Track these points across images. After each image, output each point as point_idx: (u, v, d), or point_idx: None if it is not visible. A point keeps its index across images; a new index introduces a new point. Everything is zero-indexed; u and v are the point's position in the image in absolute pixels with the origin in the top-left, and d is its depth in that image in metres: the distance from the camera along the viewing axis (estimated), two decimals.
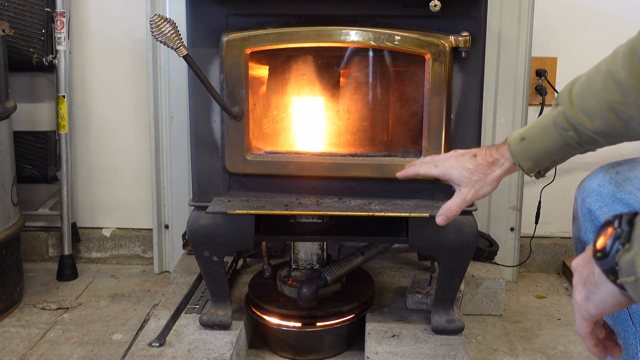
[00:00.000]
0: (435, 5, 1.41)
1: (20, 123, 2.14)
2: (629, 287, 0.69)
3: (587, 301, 0.75)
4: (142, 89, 2.14)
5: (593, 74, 0.98)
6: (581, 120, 0.98)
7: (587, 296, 0.75)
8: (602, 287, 0.73)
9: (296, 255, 1.75)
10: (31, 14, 2.06)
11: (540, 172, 1.10)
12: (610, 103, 0.94)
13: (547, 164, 1.08)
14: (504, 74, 1.99)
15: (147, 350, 1.54)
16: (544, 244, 2.24)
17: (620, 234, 0.69)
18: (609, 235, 0.70)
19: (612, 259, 0.70)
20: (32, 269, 2.24)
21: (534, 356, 1.73)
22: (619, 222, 0.70)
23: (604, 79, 0.94)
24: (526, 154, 1.07)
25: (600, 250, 0.71)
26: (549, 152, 1.05)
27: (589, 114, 0.97)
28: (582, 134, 1.00)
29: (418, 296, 1.71)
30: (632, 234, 0.69)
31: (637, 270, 0.67)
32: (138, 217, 2.29)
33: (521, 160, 1.08)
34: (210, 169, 1.56)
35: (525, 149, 1.07)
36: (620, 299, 0.72)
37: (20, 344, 1.77)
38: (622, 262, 0.69)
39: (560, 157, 1.07)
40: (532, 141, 1.06)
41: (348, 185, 1.55)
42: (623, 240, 0.69)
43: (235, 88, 1.48)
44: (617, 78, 0.93)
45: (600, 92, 0.95)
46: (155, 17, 1.33)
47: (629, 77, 0.91)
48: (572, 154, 1.06)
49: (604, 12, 2.08)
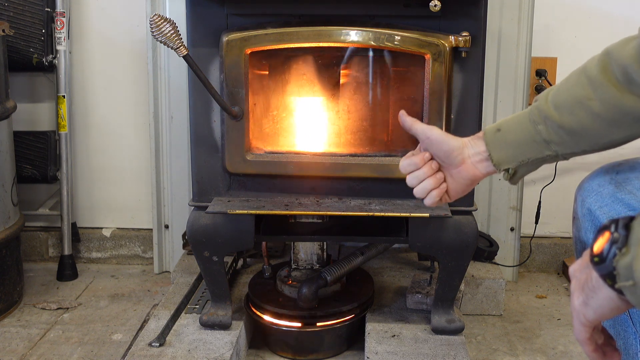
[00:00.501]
0: (435, 5, 1.41)
1: (20, 123, 2.14)
2: (627, 291, 0.69)
3: (585, 306, 0.75)
4: (142, 89, 2.14)
5: (572, 73, 1.01)
6: (551, 114, 0.99)
7: (585, 301, 0.75)
8: (600, 291, 0.73)
9: (296, 255, 1.75)
10: (31, 14, 2.06)
11: (510, 170, 1.05)
12: (579, 98, 0.96)
13: (517, 160, 1.04)
14: (504, 74, 1.99)
15: (147, 350, 1.54)
16: (544, 244, 2.25)
17: (617, 238, 0.69)
18: (605, 239, 0.71)
19: (609, 263, 0.70)
20: (32, 269, 2.24)
21: (534, 356, 1.73)
22: (615, 227, 0.70)
23: (578, 76, 0.98)
24: (499, 144, 1.05)
25: (597, 255, 0.71)
26: (519, 145, 1.03)
27: (559, 108, 0.99)
28: (551, 128, 1.00)
29: (418, 296, 1.71)
30: (628, 238, 0.69)
31: (634, 275, 0.67)
32: (138, 217, 2.29)
33: (492, 150, 1.05)
34: (210, 169, 1.56)
35: (499, 139, 1.05)
36: (618, 303, 0.72)
37: (20, 344, 1.77)
38: (619, 266, 0.69)
39: (530, 158, 1.03)
40: (506, 132, 1.05)
41: (348, 185, 1.55)
42: (620, 244, 0.69)
43: (235, 88, 1.48)
44: (589, 75, 0.96)
45: (573, 87, 0.98)
46: (155, 17, 1.33)
47: (599, 74, 0.95)
48: (541, 157, 1.03)
49: (604, 12, 2.08)
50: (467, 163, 1.07)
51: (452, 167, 1.09)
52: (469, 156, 1.07)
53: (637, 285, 0.68)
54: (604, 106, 0.94)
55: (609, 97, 0.94)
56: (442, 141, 1.08)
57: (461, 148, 1.07)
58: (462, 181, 1.09)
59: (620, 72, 0.93)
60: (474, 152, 1.07)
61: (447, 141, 1.08)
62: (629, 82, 0.92)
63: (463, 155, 1.07)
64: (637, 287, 0.68)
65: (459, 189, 1.10)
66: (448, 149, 1.07)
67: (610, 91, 0.94)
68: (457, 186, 1.10)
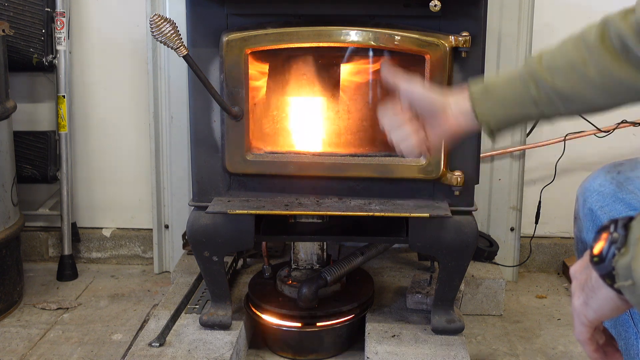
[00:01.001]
0: (435, 5, 1.41)
1: (20, 123, 2.14)
2: (626, 291, 0.69)
3: (585, 306, 0.76)
4: (142, 89, 2.14)
5: (567, 38, 1.02)
6: (544, 76, 1.00)
7: (586, 301, 0.75)
8: (600, 291, 0.73)
9: (296, 255, 1.75)
10: (31, 14, 2.06)
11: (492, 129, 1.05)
12: (575, 63, 0.98)
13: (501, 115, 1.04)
14: None
15: (147, 350, 1.54)
16: (544, 244, 2.24)
17: (616, 238, 0.70)
18: (605, 240, 0.71)
19: (608, 263, 0.70)
20: (32, 269, 2.24)
21: (534, 356, 1.73)
22: (614, 227, 0.71)
23: (575, 41, 1.00)
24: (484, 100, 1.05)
25: (597, 255, 0.71)
26: (506, 100, 1.03)
27: (552, 70, 0.99)
28: (542, 90, 1.00)
29: (418, 296, 1.71)
30: (627, 238, 0.69)
31: (634, 274, 0.68)
32: (138, 217, 2.29)
33: (477, 105, 1.05)
34: (210, 169, 1.56)
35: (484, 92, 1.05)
36: (618, 303, 0.73)
37: (20, 344, 1.77)
38: (618, 266, 0.69)
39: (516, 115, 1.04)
40: (493, 87, 1.05)
41: (348, 185, 1.55)
42: (619, 244, 0.69)
43: (235, 88, 1.48)
44: (587, 41, 0.98)
45: (569, 52, 0.99)
46: (155, 17, 1.33)
47: (596, 41, 0.97)
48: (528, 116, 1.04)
49: (604, 13, 2.07)
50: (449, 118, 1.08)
51: (434, 120, 1.09)
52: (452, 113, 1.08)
53: (636, 284, 0.68)
54: (598, 73, 0.96)
55: (605, 64, 0.95)
56: (425, 97, 1.10)
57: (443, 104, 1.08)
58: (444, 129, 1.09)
59: (618, 42, 0.94)
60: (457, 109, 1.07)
61: (429, 97, 1.10)
62: (626, 52, 0.93)
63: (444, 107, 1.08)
64: (636, 286, 0.68)
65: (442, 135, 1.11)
66: (430, 104, 1.09)
67: (606, 59, 0.95)
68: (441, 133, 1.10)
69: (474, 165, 1.53)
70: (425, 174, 1.50)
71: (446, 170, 1.50)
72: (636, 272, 0.68)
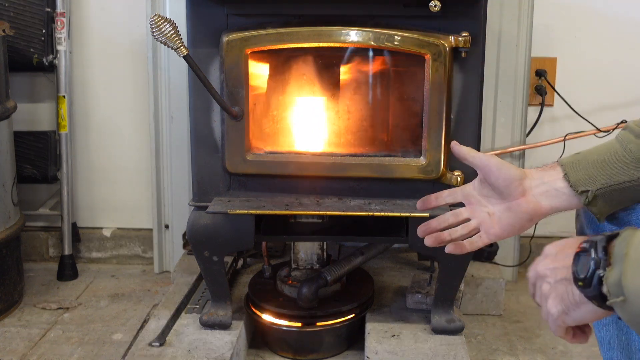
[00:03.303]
0: (435, 6, 1.41)
1: (20, 123, 2.14)
2: (618, 307, 0.71)
3: (565, 315, 0.78)
4: (142, 89, 2.14)
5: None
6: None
7: (566, 312, 0.77)
8: (584, 306, 0.75)
9: (296, 255, 1.75)
10: (31, 14, 2.06)
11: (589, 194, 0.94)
12: None
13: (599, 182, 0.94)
14: (504, 74, 1.99)
15: (147, 350, 1.54)
16: (544, 243, 2.21)
17: (598, 262, 0.72)
18: (587, 263, 0.73)
19: (594, 288, 0.72)
20: (33, 269, 2.24)
21: (534, 356, 1.73)
22: (595, 250, 0.72)
23: None
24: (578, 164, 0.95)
25: (582, 279, 0.73)
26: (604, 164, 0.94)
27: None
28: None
29: (418, 296, 1.72)
30: (611, 258, 0.71)
31: (625, 290, 0.69)
32: (138, 217, 2.29)
33: (570, 170, 0.95)
34: (210, 169, 1.56)
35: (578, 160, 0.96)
36: (600, 313, 0.75)
37: (21, 344, 1.77)
38: (609, 284, 0.70)
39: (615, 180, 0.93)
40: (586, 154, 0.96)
41: (348, 185, 1.55)
42: (602, 269, 0.71)
43: (235, 88, 1.48)
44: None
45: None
46: (155, 17, 1.33)
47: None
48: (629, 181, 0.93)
49: (604, 12, 2.08)
50: (528, 195, 0.98)
51: (512, 199, 0.99)
52: (530, 187, 0.98)
53: (627, 301, 0.69)
54: None
55: None
56: (503, 168, 0.99)
57: (522, 178, 0.98)
58: (520, 215, 0.99)
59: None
60: (539, 181, 0.98)
61: (507, 169, 0.99)
62: None
63: (524, 186, 0.98)
64: (627, 303, 0.69)
65: (516, 224, 1.00)
66: (508, 177, 0.98)
67: None
68: (514, 221, 1.00)
69: None
70: (425, 174, 1.50)
71: (446, 170, 1.50)
72: (627, 288, 0.69)
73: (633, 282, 0.68)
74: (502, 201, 1.00)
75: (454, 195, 1.07)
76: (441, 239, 1.06)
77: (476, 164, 1.02)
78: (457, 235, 1.05)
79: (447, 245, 1.05)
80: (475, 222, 1.04)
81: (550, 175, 0.97)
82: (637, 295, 0.68)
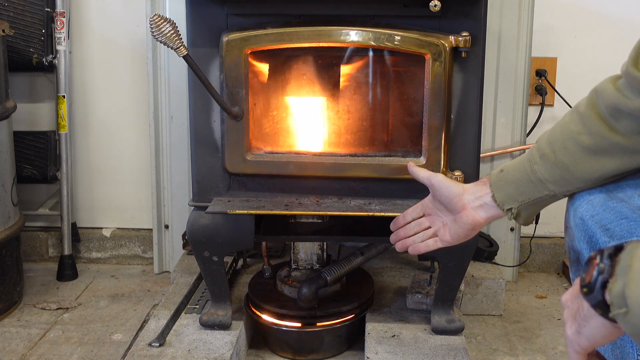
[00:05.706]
0: (435, 5, 1.41)
1: (20, 123, 2.14)
2: (621, 319, 0.71)
3: (578, 335, 0.78)
4: (142, 89, 2.14)
5: (566, 113, 1.07)
6: (546, 152, 1.03)
7: (578, 330, 0.78)
8: (592, 320, 0.75)
9: (296, 255, 1.75)
10: (31, 14, 2.06)
11: (513, 210, 1.08)
12: (571, 133, 1.01)
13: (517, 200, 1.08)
14: (504, 74, 1.99)
15: (147, 350, 1.54)
16: (544, 244, 2.24)
17: (602, 268, 0.72)
18: (593, 270, 0.73)
19: (597, 293, 0.72)
20: (32, 269, 2.24)
21: (534, 356, 1.73)
22: (600, 257, 0.73)
23: (571, 114, 1.04)
24: (501, 184, 1.09)
25: (586, 285, 0.74)
26: (519, 184, 1.07)
27: (553, 145, 1.03)
28: (546, 166, 1.03)
29: (418, 296, 1.71)
30: (615, 267, 0.71)
31: (628, 301, 0.69)
32: (138, 217, 2.29)
33: (495, 190, 1.10)
34: (210, 169, 1.56)
35: (501, 179, 1.09)
36: (610, 330, 0.75)
37: (20, 344, 1.77)
38: (612, 295, 0.70)
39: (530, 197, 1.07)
40: (507, 172, 1.09)
41: (348, 185, 1.55)
42: (606, 274, 0.71)
43: (235, 88, 1.48)
44: (579, 111, 1.01)
45: (566, 124, 1.03)
46: (155, 17, 1.33)
47: (586, 109, 1.00)
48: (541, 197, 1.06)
49: (604, 13, 2.08)
50: (467, 209, 1.13)
51: (455, 212, 1.15)
52: (468, 202, 1.13)
53: (630, 312, 0.69)
54: (593, 138, 0.99)
55: (597, 129, 0.98)
56: (443, 187, 1.16)
57: (461, 194, 1.13)
58: (463, 226, 1.15)
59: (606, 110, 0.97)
60: (474, 197, 1.12)
61: (448, 187, 1.15)
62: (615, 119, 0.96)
63: (463, 201, 1.13)
64: (630, 314, 0.69)
65: (461, 233, 1.16)
66: (449, 194, 1.15)
67: (597, 123, 0.98)
68: (459, 231, 1.16)
69: (473, 166, 1.53)
70: None
71: (446, 170, 1.50)
72: (630, 299, 0.69)
73: (636, 293, 0.68)
74: (450, 213, 1.17)
75: (416, 210, 1.25)
76: (406, 245, 1.26)
77: (425, 182, 1.21)
78: (418, 242, 1.24)
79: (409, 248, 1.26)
80: (432, 230, 1.22)
81: (482, 191, 1.12)
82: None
